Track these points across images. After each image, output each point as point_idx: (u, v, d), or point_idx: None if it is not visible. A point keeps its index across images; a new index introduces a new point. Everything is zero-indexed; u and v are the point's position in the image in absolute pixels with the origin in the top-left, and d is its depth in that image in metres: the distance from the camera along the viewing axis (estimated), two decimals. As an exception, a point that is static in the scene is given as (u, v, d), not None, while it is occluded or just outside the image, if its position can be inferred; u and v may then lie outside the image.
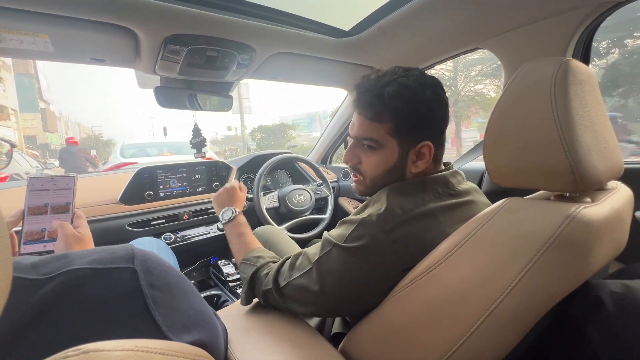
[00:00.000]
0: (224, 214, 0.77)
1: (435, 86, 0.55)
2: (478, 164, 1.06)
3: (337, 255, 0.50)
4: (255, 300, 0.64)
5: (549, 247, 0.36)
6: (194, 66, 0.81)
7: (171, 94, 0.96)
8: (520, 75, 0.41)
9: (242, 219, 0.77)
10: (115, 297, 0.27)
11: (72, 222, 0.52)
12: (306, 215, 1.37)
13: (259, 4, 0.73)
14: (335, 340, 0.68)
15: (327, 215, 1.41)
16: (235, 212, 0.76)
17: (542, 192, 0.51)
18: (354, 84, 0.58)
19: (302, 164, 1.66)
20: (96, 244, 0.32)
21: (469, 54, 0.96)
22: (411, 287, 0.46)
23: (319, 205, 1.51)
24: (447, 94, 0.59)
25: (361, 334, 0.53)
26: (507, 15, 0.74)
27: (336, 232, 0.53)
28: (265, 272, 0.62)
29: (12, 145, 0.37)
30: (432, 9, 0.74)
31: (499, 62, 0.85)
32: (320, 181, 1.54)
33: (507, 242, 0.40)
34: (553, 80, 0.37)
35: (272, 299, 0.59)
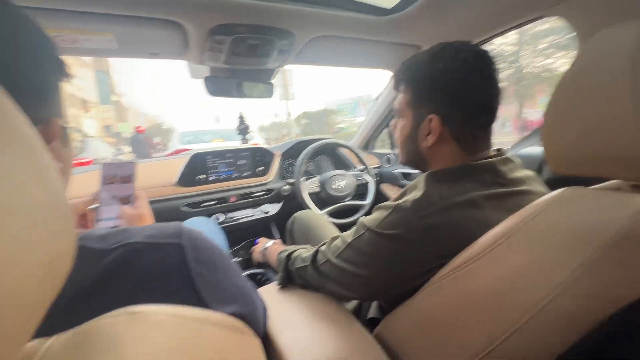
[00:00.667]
0: (261, 251, 0.93)
1: (455, 54, 0.51)
2: (538, 149, 0.96)
3: (369, 239, 0.50)
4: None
5: (613, 243, 0.31)
6: (238, 55, 0.84)
7: (218, 83, 1.01)
8: (592, 45, 0.35)
9: (275, 246, 0.90)
10: (164, 269, 0.30)
11: (133, 202, 0.58)
12: (347, 201, 1.37)
13: (298, -13, 0.72)
14: (370, 325, 0.69)
15: (368, 202, 1.40)
16: (265, 246, 0.92)
17: (612, 181, 0.45)
18: (398, 64, 0.59)
19: (344, 150, 1.65)
20: (157, 222, 0.37)
21: (537, 24, 0.84)
22: (449, 279, 0.44)
23: (360, 192, 1.50)
24: (509, 72, 0.53)
25: (396, 321, 0.52)
26: None
27: (371, 217, 0.52)
28: (301, 252, 0.65)
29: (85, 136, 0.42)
30: None
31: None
32: (361, 167, 1.52)
33: (561, 235, 0.36)
34: (633, 49, 0.31)
35: (309, 276, 0.61)
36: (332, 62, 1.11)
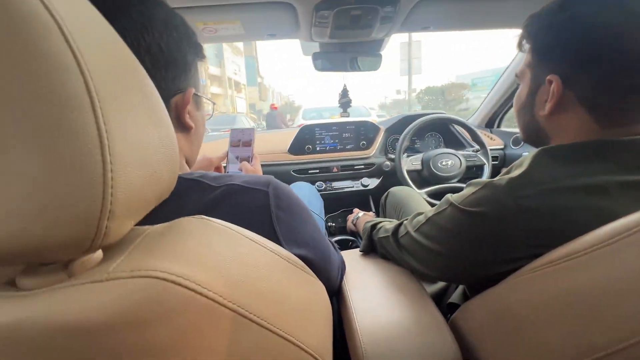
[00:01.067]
0: (352, 221, 1.03)
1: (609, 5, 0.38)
2: None
3: (450, 215, 0.47)
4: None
5: None
6: (342, 28, 0.86)
7: (326, 58, 1.07)
8: None
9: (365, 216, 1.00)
10: (252, 207, 0.38)
11: (251, 160, 0.73)
12: (452, 183, 1.25)
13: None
14: (450, 310, 0.65)
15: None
16: (358, 215, 1.03)
17: None
18: None
19: (459, 127, 1.48)
20: None
21: None
22: (542, 272, 0.37)
23: (473, 175, 1.33)
24: None
25: (474, 309, 0.49)
26: None
27: (459, 193, 0.48)
28: (386, 224, 0.67)
29: (213, 103, 0.56)
30: None
31: None
32: (477, 147, 1.33)
33: None
34: None
35: (389, 247, 0.62)
36: (447, 26, 0.99)
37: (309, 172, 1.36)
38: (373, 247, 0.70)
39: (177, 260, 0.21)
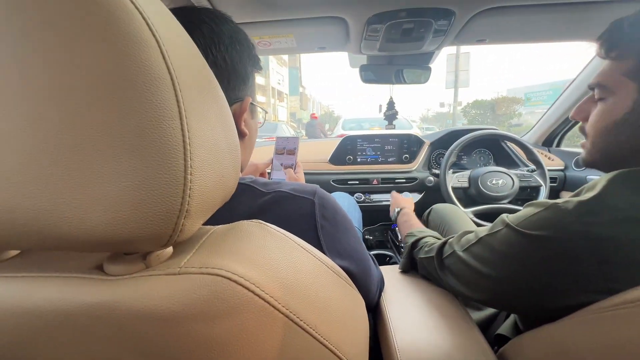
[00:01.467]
0: (395, 212, 1.00)
1: None
2: None
3: (506, 236, 0.43)
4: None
5: None
6: (392, 41, 0.86)
7: (372, 70, 1.07)
8: None
9: (407, 211, 0.95)
10: (298, 215, 0.39)
11: (295, 167, 0.75)
12: (503, 203, 1.17)
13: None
14: (497, 342, 0.60)
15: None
16: (400, 209, 0.98)
17: None
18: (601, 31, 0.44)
19: (512, 145, 1.38)
20: None
21: None
22: (615, 313, 0.33)
23: (527, 196, 1.24)
24: None
25: (527, 345, 0.44)
26: None
27: (516, 214, 0.45)
28: (428, 241, 0.63)
29: (266, 112, 0.59)
30: None
31: None
32: (532, 166, 1.23)
33: None
34: None
35: (430, 268, 0.59)
36: (505, 39, 0.94)
37: (349, 182, 1.36)
38: (413, 265, 0.67)
39: (238, 261, 0.22)
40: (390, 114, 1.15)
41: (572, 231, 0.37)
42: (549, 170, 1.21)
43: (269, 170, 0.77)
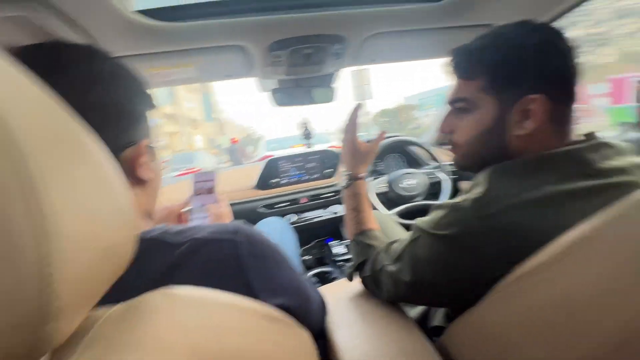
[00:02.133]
0: (343, 179, 0.71)
1: (546, 30, 0.45)
2: None
3: (425, 242, 0.47)
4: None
5: None
6: (296, 65, 0.90)
7: (283, 94, 1.10)
8: None
9: (358, 188, 0.68)
10: (220, 261, 0.35)
11: (216, 203, 0.68)
12: (418, 201, 1.30)
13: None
14: (435, 333, 0.64)
15: (441, 201, 1.30)
16: (351, 179, 0.69)
17: None
18: None
19: (416, 147, 1.57)
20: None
21: None
22: (517, 287, 0.38)
23: (435, 190, 1.40)
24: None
25: (460, 331, 0.48)
26: None
27: (427, 218, 0.49)
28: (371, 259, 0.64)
29: (169, 154, 0.53)
30: None
31: None
32: (435, 164, 1.42)
33: None
34: None
35: (369, 285, 0.60)
36: (391, 58, 1.07)
37: (278, 206, 1.34)
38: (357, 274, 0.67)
39: (137, 352, 0.18)
40: (307, 133, 1.18)
41: (472, 225, 0.42)
42: (448, 164, 1.40)
43: (188, 208, 0.70)
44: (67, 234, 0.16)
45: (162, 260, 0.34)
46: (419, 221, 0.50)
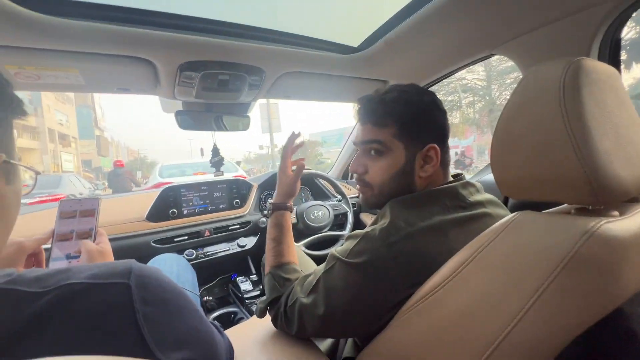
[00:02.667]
0: (267, 207, 0.71)
1: (432, 94, 0.58)
2: None
3: (340, 270, 0.49)
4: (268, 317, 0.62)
5: (564, 267, 0.31)
6: (209, 90, 0.86)
7: (191, 117, 1.02)
8: (528, 79, 0.39)
9: (281, 218, 0.67)
10: (106, 312, 0.28)
11: (95, 238, 0.54)
12: (325, 232, 1.35)
13: (266, 27, 0.76)
14: (346, 364, 0.65)
15: (346, 232, 1.38)
16: (275, 208, 0.68)
17: (564, 205, 0.46)
18: None
19: (322, 180, 1.66)
20: (123, 259, 0.34)
21: (503, 62, 0.92)
22: (417, 309, 0.43)
23: (340, 222, 1.49)
24: (481, 104, 0.60)
25: (370, 358, 0.50)
26: (521, 18, 0.70)
27: (341, 248, 0.52)
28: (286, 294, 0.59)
29: (37, 173, 0.41)
30: (438, 19, 0.72)
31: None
32: (339, 197, 1.52)
33: (516, 261, 0.36)
34: (562, 82, 0.34)
35: (280, 321, 0.58)
36: (303, 96, 1.15)
37: (175, 240, 1.17)
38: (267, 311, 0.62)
39: None
40: (217, 161, 1.11)
41: (380, 252, 0.46)
42: (349, 198, 1.52)
43: (48, 246, 0.52)
44: None
45: (14, 318, 0.25)
46: (334, 250, 0.52)
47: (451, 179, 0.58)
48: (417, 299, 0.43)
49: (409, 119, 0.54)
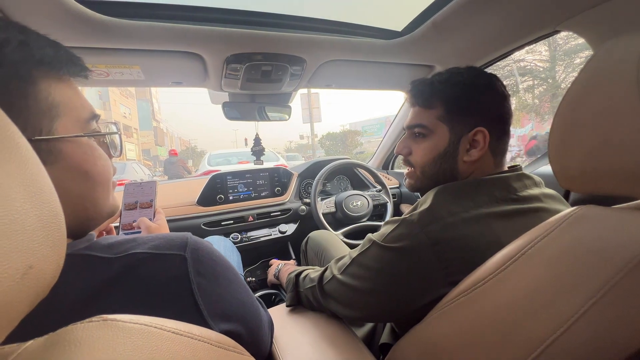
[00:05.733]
0: (276, 271, 0.94)
1: (490, 76, 0.54)
2: None
3: (375, 253, 0.49)
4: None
5: (631, 269, 0.28)
6: (253, 81, 0.89)
7: (236, 108, 1.07)
8: (599, 57, 0.34)
9: (289, 266, 0.92)
10: (165, 280, 0.31)
11: (154, 216, 0.61)
12: (363, 222, 1.35)
13: (307, 16, 0.76)
14: (382, 351, 0.65)
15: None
16: (279, 267, 0.93)
17: (637, 202, 0.41)
18: None
19: (362, 170, 1.65)
20: None
21: (572, 40, 0.81)
22: (457, 303, 0.41)
23: (379, 212, 1.47)
24: (542, 88, 0.55)
25: (406, 347, 0.50)
26: None
27: (378, 232, 0.52)
28: (310, 272, 0.65)
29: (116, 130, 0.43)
30: None
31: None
32: (379, 187, 1.50)
33: (573, 258, 0.33)
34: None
35: (314, 296, 0.60)
36: (345, 85, 1.14)
37: (222, 224, 1.26)
38: (299, 299, 0.67)
39: None
40: (258, 150, 1.16)
41: (418, 239, 0.45)
42: (390, 188, 1.49)
43: (117, 224, 0.61)
44: None
45: (89, 280, 0.29)
46: (372, 234, 0.52)
47: (506, 169, 0.55)
48: (458, 292, 0.41)
49: (455, 101, 0.53)
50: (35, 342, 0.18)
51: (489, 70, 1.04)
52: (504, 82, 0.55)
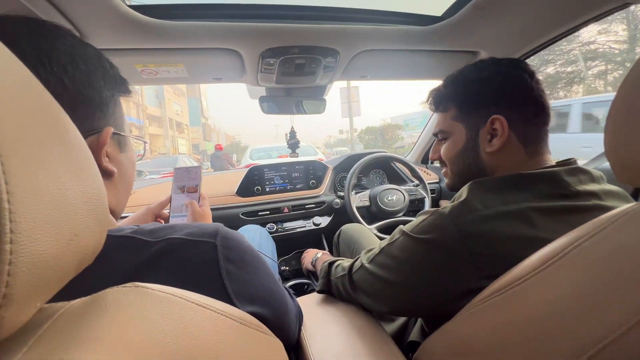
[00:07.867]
0: (313, 259, 0.96)
1: (511, 62, 0.53)
2: None
3: (403, 243, 0.48)
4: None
5: None
6: (287, 75, 0.91)
7: (273, 102, 1.10)
8: None
9: (325, 255, 0.93)
10: (197, 263, 0.34)
11: (199, 201, 0.66)
12: (399, 217, 1.31)
13: (338, 6, 0.76)
14: (411, 349, 0.64)
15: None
16: (317, 255, 0.96)
17: None
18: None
19: (399, 164, 1.60)
20: None
21: None
22: (491, 302, 0.39)
23: (416, 207, 1.42)
24: (617, 74, 0.50)
25: (435, 345, 0.48)
26: None
27: (410, 223, 0.50)
28: (343, 262, 0.66)
29: (145, 142, 0.52)
30: None
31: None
32: (416, 182, 1.45)
33: (629, 260, 0.29)
34: None
35: (344, 286, 0.61)
36: (380, 76, 1.11)
37: (259, 214, 1.31)
38: (329, 287, 0.68)
39: (97, 348, 0.17)
40: (293, 143, 1.19)
41: (449, 231, 0.43)
42: (428, 183, 1.43)
43: (169, 210, 0.67)
44: (32, 214, 0.15)
45: (132, 260, 0.32)
46: (402, 225, 0.52)
47: (552, 162, 0.50)
48: (493, 291, 0.39)
49: (464, 98, 0.54)
50: (79, 300, 0.20)
51: (544, 52, 0.94)
52: (568, 69, 0.50)
